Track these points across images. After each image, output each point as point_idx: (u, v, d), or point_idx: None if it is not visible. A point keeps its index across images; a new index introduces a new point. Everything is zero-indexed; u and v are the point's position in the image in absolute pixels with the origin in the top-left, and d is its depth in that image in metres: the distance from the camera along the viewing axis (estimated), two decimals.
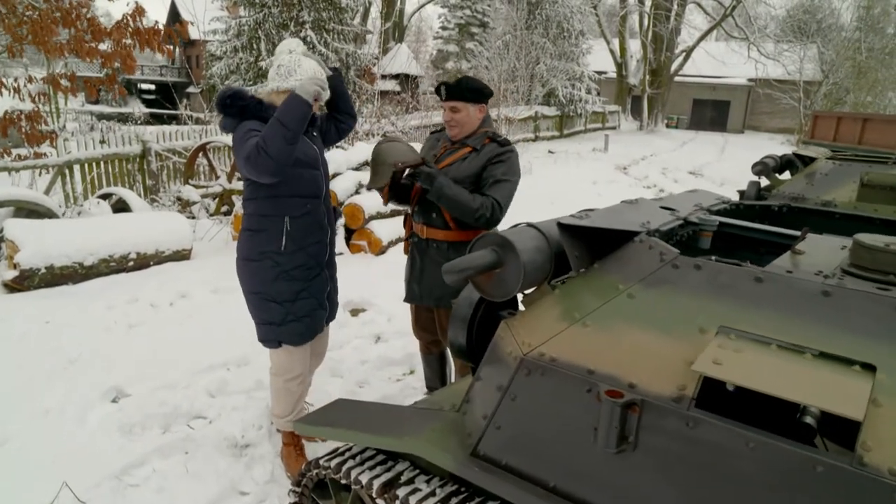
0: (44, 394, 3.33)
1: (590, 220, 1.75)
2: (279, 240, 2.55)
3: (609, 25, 31.60)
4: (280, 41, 16.12)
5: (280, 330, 2.65)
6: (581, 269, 1.70)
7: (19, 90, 7.63)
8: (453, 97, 2.75)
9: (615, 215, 1.87)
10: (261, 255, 2.57)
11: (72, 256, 4.88)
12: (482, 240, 1.72)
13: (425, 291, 2.93)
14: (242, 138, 2.38)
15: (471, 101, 2.75)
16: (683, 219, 1.95)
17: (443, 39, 34.47)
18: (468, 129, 2.80)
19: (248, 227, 2.61)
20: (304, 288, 2.64)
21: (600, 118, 26.39)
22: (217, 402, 3.33)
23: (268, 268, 2.57)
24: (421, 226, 2.90)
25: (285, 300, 2.61)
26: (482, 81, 2.83)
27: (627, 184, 12.14)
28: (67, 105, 22.45)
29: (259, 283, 2.61)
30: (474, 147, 2.77)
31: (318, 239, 2.67)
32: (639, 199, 2.11)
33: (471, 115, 2.77)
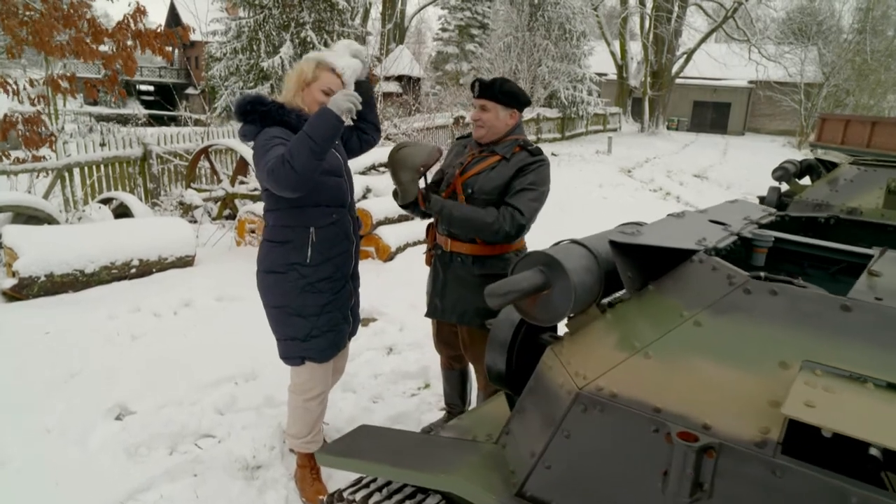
0: (44, 411, 3.18)
1: (644, 237, 1.61)
2: (304, 251, 2.43)
3: (610, 27, 31.51)
4: (280, 43, 15.96)
5: (304, 346, 2.51)
6: (635, 290, 1.57)
7: (18, 92, 7.48)
8: (484, 95, 2.61)
9: (667, 231, 1.74)
10: (286, 267, 2.44)
11: (72, 264, 4.73)
12: (526, 259, 1.58)
13: (448, 307, 2.79)
14: (264, 146, 2.25)
15: (502, 104, 2.61)
16: (737, 234, 1.81)
17: (442, 41, 34.40)
18: (495, 133, 2.65)
19: (271, 238, 2.48)
20: (329, 301, 2.51)
21: (601, 120, 26.28)
22: (226, 419, 3.19)
23: (293, 280, 2.44)
24: (445, 238, 2.75)
25: (311, 314, 2.48)
26: (520, 87, 2.68)
27: (633, 187, 12.02)
28: (66, 106, 22.33)
29: (282, 297, 2.48)
30: (503, 155, 2.62)
31: (344, 249, 2.56)
32: (685, 212, 1.97)
33: (499, 118, 2.62)
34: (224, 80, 17.30)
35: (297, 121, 2.34)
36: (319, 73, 2.42)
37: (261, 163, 2.23)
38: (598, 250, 1.62)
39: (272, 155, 2.17)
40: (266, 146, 2.24)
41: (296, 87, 2.43)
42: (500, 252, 2.69)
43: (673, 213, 1.94)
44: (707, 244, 1.64)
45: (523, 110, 2.73)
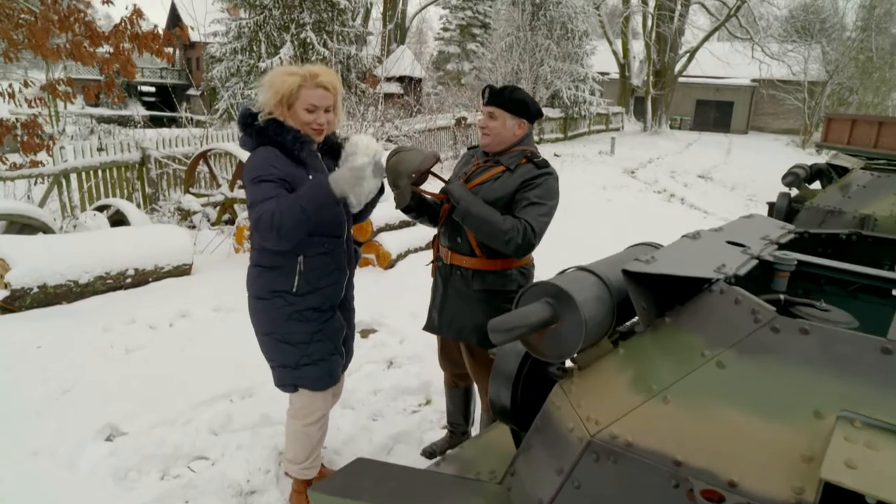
0: (33, 431, 3.07)
1: (659, 263, 1.50)
2: (291, 279, 2.31)
3: (612, 26, 31.35)
4: (281, 43, 15.86)
5: (296, 374, 2.41)
6: (649, 324, 1.45)
7: (14, 95, 7.40)
8: (493, 102, 2.51)
9: (683, 255, 1.62)
10: (271, 294, 2.33)
11: (65, 274, 4.62)
12: (532, 290, 1.47)
13: (445, 322, 2.69)
14: (255, 178, 2.14)
15: (510, 112, 2.50)
16: (757, 257, 1.70)
17: (444, 41, 34.28)
18: (502, 142, 2.54)
19: (259, 262, 2.36)
20: (318, 329, 2.40)
21: (604, 120, 26.15)
22: (220, 440, 3.08)
23: (279, 307, 2.33)
24: (446, 250, 2.66)
25: (299, 342, 2.37)
26: (531, 97, 2.57)
27: (637, 189, 11.89)
28: (67, 108, 22.28)
29: (271, 323, 2.37)
30: (508, 167, 2.50)
31: (334, 280, 2.42)
32: (700, 233, 1.85)
33: (507, 127, 2.51)
34: (224, 80, 17.21)
35: (292, 143, 2.22)
36: (301, 91, 2.22)
37: (250, 202, 2.15)
38: (608, 278, 1.51)
39: (261, 201, 2.08)
40: (257, 178, 2.13)
41: (277, 102, 2.22)
42: (503, 268, 2.58)
43: (688, 234, 1.82)
44: (727, 271, 1.52)
45: (533, 122, 2.61)
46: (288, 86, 2.19)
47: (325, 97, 2.26)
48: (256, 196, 2.12)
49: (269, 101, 2.22)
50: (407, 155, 2.45)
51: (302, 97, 2.22)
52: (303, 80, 2.21)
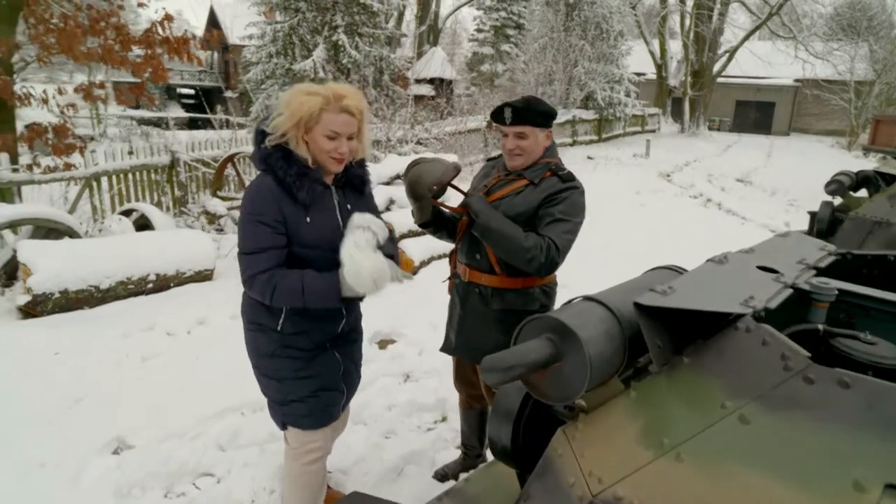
0: (42, 442, 3.04)
1: (676, 296, 1.34)
2: (277, 317, 2.08)
3: (649, 26, 30.78)
4: (314, 45, 15.95)
5: (284, 410, 2.21)
6: (665, 364, 1.30)
7: (47, 101, 7.52)
8: (522, 121, 2.32)
9: (706, 284, 1.46)
10: (256, 326, 2.13)
11: (87, 280, 4.63)
12: (532, 324, 1.33)
13: (462, 343, 2.56)
14: (251, 213, 1.95)
15: (538, 126, 2.34)
16: (792, 285, 1.52)
17: (478, 42, 34.11)
18: (532, 158, 2.39)
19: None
20: (304, 367, 2.15)
21: (640, 121, 25.65)
22: (227, 456, 3.00)
23: (263, 342, 2.13)
24: (464, 267, 2.51)
25: (285, 378, 2.15)
26: (549, 104, 2.42)
27: (672, 193, 11.56)
28: (107, 110, 22.81)
29: (256, 356, 2.18)
30: (531, 180, 2.35)
31: (327, 322, 2.17)
32: (728, 256, 1.68)
33: (539, 143, 2.37)
34: (259, 83, 17.35)
35: (293, 181, 1.95)
36: (323, 115, 1.94)
37: (240, 235, 1.98)
38: (619, 309, 1.35)
39: (254, 252, 1.93)
40: (251, 216, 1.95)
41: (294, 125, 1.94)
42: (524, 286, 2.43)
43: (714, 258, 1.65)
44: (755, 304, 1.35)
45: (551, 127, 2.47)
46: (308, 108, 1.92)
47: (348, 123, 1.98)
48: (249, 241, 1.94)
49: (284, 123, 1.94)
50: (428, 166, 2.32)
51: (323, 122, 1.94)
52: (325, 102, 1.93)
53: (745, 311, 1.30)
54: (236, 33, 24.96)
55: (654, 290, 1.36)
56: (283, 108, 1.95)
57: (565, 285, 5.74)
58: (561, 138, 18.69)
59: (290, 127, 1.94)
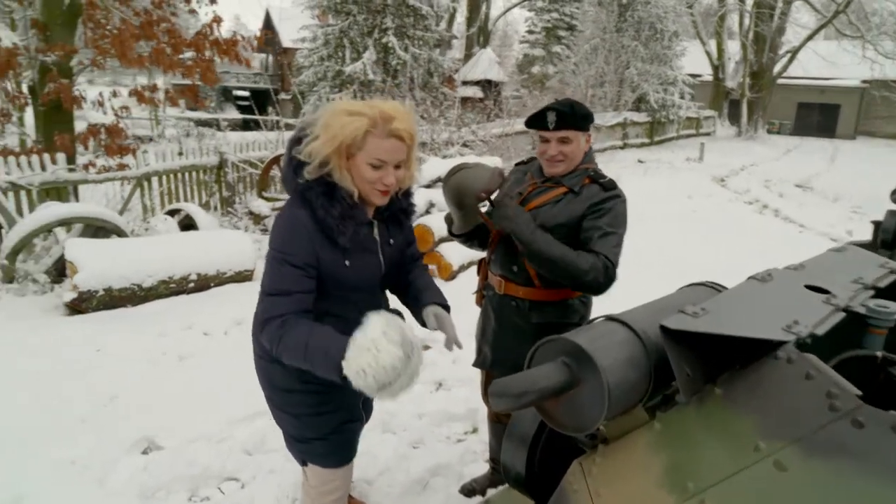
0: (74, 440, 3.08)
1: (708, 318, 1.21)
2: None
3: (705, 26, 29.92)
4: (364, 48, 16.10)
5: (302, 447, 2.00)
6: (694, 394, 1.17)
7: (103, 104, 7.75)
8: (566, 125, 2.18)
9: (743, 306, 1.32)
10: (271, 358, 1.80)
11: (130, 278, 4.72)
12: (547, 346, 1.22)
13: (498, 358, 2.45)
14: (279, 250, 1.70)
15: (581, 130, 2.23)
16: (845, 308, 1.36)
17: (529, 43, 33.83)
18: (573, 164, 2.27)
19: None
20: (326, 401, 1.91)
21: (694, 124, 24.95)
22: (253, 461, 2.97)
23: (279, 375, 1.87)
24: (498, 279, 2.38)
25: (302, 413, 1.92)
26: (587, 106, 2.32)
27: (726, 198, 11.14)
28: (166, 112, 23.58)
29: (269, 388, 1.96)
30: (571, 188, 2.22)
31: None
32: (772, 273, 1.53)
33: (580, 148, 2.25)
34: (312, 86, 17.60)
35: (337, 220, 1.68)
36: (368, 139, 1.64)
37: (266, 273, 1.72)
38: (646, 332, 1.23)
39: (276, 294, 1.67)
40: (279, 253, 1.69)
41: (334, 150, 1.65)
42: (563, 297, 2.31)
43: (756, 276, 1.50)
44: (800, 329, 1.21)
45: None
46: (351, 131, 1.62)
47: (397, 149, 1.68)
48: (274, 281, 1.69)
49: (321, 148, 1.64)
50: (473, 172, 2.16)
51: (368, 148, 1.65)
52: (371, 124, 1.63)
53: (787, 338, 1.16)
54: (290, 36, 25.44)
55: (683, 312, 1.23)
56: (319, 130, 1.66)
57: (607, 293, 5.61)
58: (611, 141, 18.32)
59: (331, 153, 1.64)
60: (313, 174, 1.67)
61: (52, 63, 7.15)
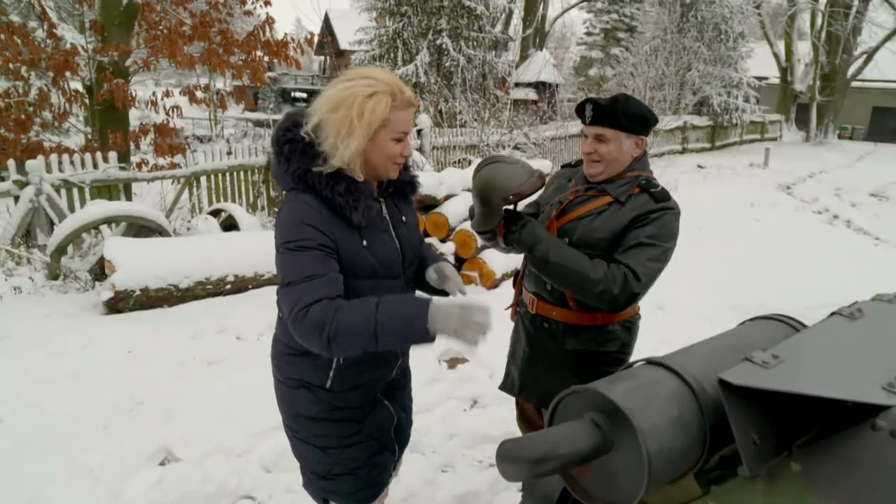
0: (95, 446, 2.99)
1: (783, 369, 0.95)
2: (325, 372, 1.67)
3: (774, 26, 28.67)
4: (417, 49, 16.06)
5: (325, 485, 1.79)
6: (761, 467, 0.91)
7: (156, 103, 7.85)
8: (602, 121, 1.94)
9: (828, 352, 1.05)
10: (296, 384, 1.72)
11: (167, 279, 4.67)
12: (574, 399, 0.98)
13: (527, 383, 2.22)
14: (289, 241, 1.52)
15: (626, 131, 1.95)
16: None
17: (587, 45, 33.25)
18: (615, 168, 2.00)
19: (284, 339, 1.73)
20: (356, 431, 1.74)
21: (759, 129, 23.90)
22: (270, 478, 2.82)
23: (305, 402, 1.71)
24: (531, 296, 2.16)
25: (330, 446, 1.74)
26: (646, 105, 2.02)
27: (793, 207, 10.50)
28: (224, 112, 24.17)
29: (292, 419, 1.78)
30: (617, 197, 1.97)
31: (379, 375, 1.78)
32: (862, 308, 1.24)
33: (623, 151, 1.97)
34: None
35: (342, 199, 1.54)
36: (393, 113, 1.54)
37: (280, 270, 1.54)
38: (700, 382, 0.98)
39: (302, 281, 1.47)
40: (290, 243, 1.52)
41: (370, 135, 1.53)
42: (602, 323, 2.04)
43: (843, 311, 1.21)
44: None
45: (648, 134, 2.06)
46: (380, 113, 1.51)
47: (411, 118, 1.62)
48: (293, 271, 1.50)
49: (357, 144, 1.51)
50: (506, 170, 1.93)
51: (392, 123, 1.55)
52: (392, 96, 1.53)
53: (891, 402, 0.89)
54: (347, 39, 25.73)
55: (750, 360, 0.97)
56: (340, 126, 1.50)
57: (661, 306, 5.25)
58: (670, 145, 17.69)
59: (364, 137, 1.51)
60: (330, 171, 1.55)
61: (108, 63, 7.27)
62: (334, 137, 1.50)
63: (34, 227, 5.97)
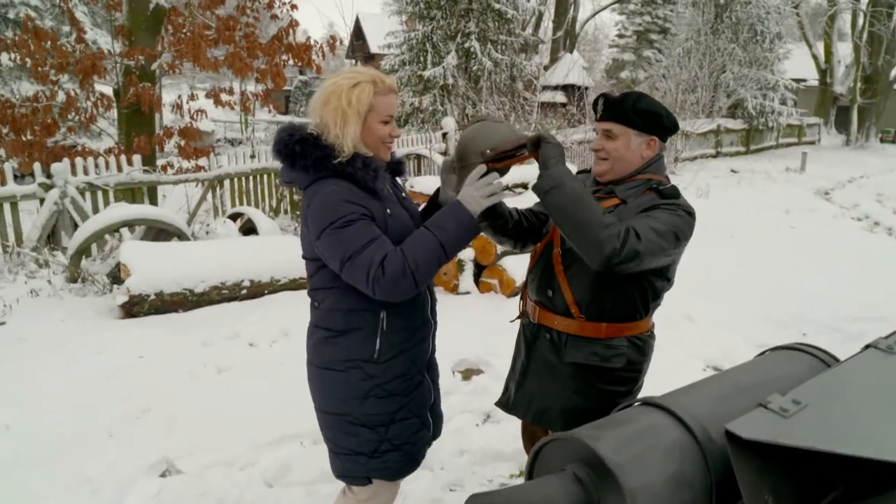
0: (99, 454, 2.94)
1: (805, 418, 0.80)
2: (372, 343, 1.79)
3: (813, 27, 27.89)
4: (445, 52, 15.99)
5: (372, 463, 1.85)
6: None
7: (181, 107, 7.90)
8: (612, 116, 1.89)
9: (860, 396, 0.89)
10: (345, 365, 1.81)
11: (182, 283, 4.64)
12: (555, 447, 0.85)
13: (523, 400, 2.10)
14: (336, 219, 1.65)
15: (636, 128, 1.87)
16: None
17: (619, 48, 32.86)
18: (623, 168, 1.91)
19: (325, 325, 1.83)
20: (402, 405, 1.86)
21: (796, 132, 23.22)
22: (272, 494, 2.72)
23: (355, 381, 1.81)
24: (533, 305, 2.05)
25: (379, 424, 1.84)
26: (663, 105, 1.92)
27: (831, 214, 10.11)
28: (256, 116, 24.43)
29: (341, 403, 1.84)
30: (624, 199, 1.87)
31: (422, 337, 1.92)
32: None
33: (631, 149, 1.89)
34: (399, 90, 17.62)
35: (363, 172, 1.71)
36: (377, 98, 1.74)
37: (338, 250, 1.66)
38: (707, 430, 0.84)
39: (364, 247, 1.64)
40: (339, 221, 1.65)
41: (361, 120, 1.73)
42: (608, 336, 1.91)
43: (880, 343, 1.05)
44: None
45: (667, 139, 1.95)
46: (366, 98, 1.72)
47: (395, 102, 1.82)
48: (353, 243, 1.64)
49: (353, 129, 1.71)
50: (490, 126, 1.90)
51: (378, 107, 1.74)
52: (373, 84, 1.73)
53: None
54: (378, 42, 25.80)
55: (766, 407, 0.83)
56: (335, 116, 1.71)
57: (690, 317, 5.03)
58: (702, 149, 17.28)
59: (357, 124, 1.72)
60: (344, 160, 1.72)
61: (135, 67, 7.33)
62: (334, 127, 1.69)
63: (58, 229, 6.02)
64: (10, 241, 5.87)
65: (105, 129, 10.82)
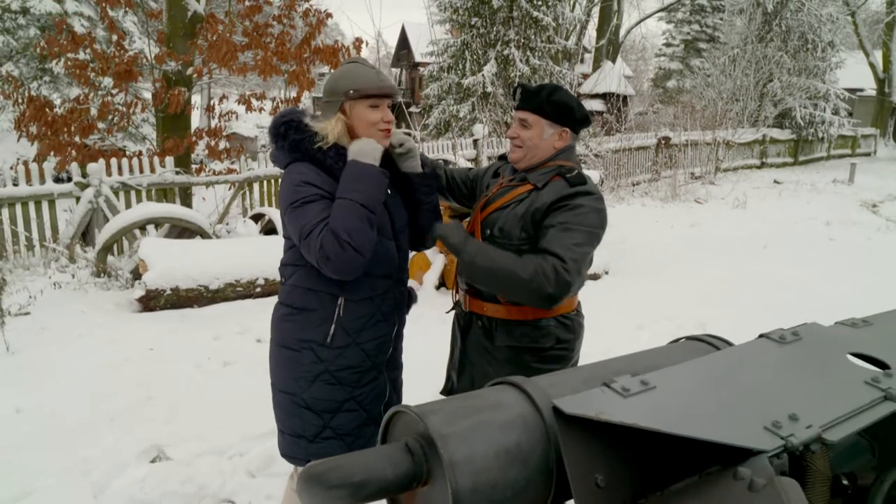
0: (96, 441, 3.05)
1: (643, 399, 0.79)
2: (326, 327, 1.84)
3: (870, 35, 26.89)
4: (485, 60, 15.98)
5: (312, 448, 1.89)
6: None
7: (212, 109, 8.14)
8: (527, 106, 1.96)
9: (719, 382, 0.87)
10: (299, 344, 1.86)
11: (197, 279, 4.77)
12: (395, 420, 0.86)
13: (465, 385, 2.14)
14: (293, 200, 1.76)
15: (549, 119, 1.93)
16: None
17: (666, 56, 32.27)
18: (535, 156, 1.98)
19: (287, 301, 1.92)
20: (351, 396, 1.89)
21: (850, 143, 22.34)
22: (255, 484, 2.76)
23: (307, 363, 1.85)
24: (464, 294, 2.09)
25: (324, 410, 1.87)
26: (577, 100, 1.98)
27: (875, 227, 9.70)
28: None
29: (293, 383, 1.89)
30: (535, 184, 1.93)
31: (380, 333, 1.93)
32: (798, 332, 1.03)
33: (543, 139, 1.96)
34: (439, 99, 17.73)
35: (333, 161, 1.79)
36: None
37: (294, 229, 1.77)
38: (546, 403, 0.83)
39: (314, 225, 1.71)
40: (297, 201, 1.75)
41: (339, 107, 1.83)
42: (535, 317, 1.95)
43: (772, 334, 1.02)
44: (795, 431, 0.75)
45: (579, 131, 2.02)
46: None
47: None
48: (305, 221, 1.73)
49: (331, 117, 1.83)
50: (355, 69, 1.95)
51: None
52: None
53: (763, 446, 0.72)
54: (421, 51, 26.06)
55: (608, 386, 0.81)
56: (323, 106, 1.88)
57: (702, 324, 4.91)
58: (744, 160, 16.82)
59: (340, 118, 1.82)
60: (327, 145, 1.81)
61: (172, 72, 7.60)
62: (322, 116, 1.84)
63: (92, 227, 6.28)
64: (47, 236, 6.15)
65: (148, 135, 11.23)
